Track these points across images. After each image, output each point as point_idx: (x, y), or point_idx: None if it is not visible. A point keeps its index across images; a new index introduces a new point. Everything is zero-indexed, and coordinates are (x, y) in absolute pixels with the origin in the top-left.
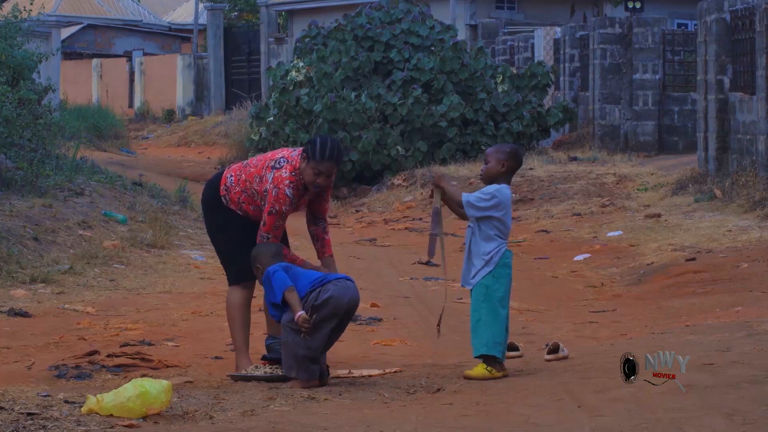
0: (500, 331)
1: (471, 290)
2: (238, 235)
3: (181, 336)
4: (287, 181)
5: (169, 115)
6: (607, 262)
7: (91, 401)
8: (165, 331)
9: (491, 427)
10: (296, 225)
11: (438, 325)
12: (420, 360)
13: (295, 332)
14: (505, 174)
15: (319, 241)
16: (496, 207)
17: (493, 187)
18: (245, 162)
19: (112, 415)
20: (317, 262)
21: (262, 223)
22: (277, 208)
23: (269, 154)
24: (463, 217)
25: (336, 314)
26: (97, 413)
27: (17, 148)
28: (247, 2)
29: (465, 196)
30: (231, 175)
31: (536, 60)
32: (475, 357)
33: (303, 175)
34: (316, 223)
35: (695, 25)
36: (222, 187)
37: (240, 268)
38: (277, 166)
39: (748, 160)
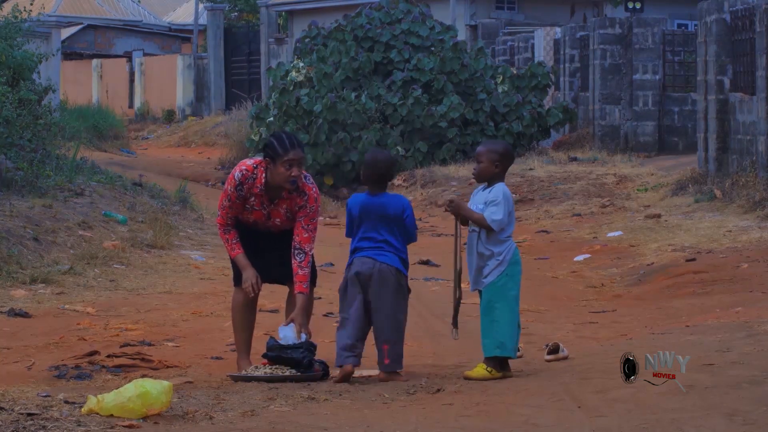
0: (513, 332)
1: (481, 290)
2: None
3: (181, 336)
4: (243, 167)
5: (169, 116)
6: (607, 263)
7: (92, 401)
8: (165, 331)
9: (491, 428)
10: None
11: (454, 323)
12: (420, 360)
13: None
14: (498, 174)
15: (293, 273)
16: (510, 213)
17: (500, 195)
18: None
19: (112, 415)
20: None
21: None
22: (225, 186)
23: None
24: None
25: (349, 288)
26: (98, 413)
27: (17, 149)
28: (247, 2)
29: (488, 216)
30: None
31: (536, 60)
32: (486, 357)
33: (275, 177)
34: (295, 256)
35: (695, 25)
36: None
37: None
38: (250, 158)
39: (748, 161)
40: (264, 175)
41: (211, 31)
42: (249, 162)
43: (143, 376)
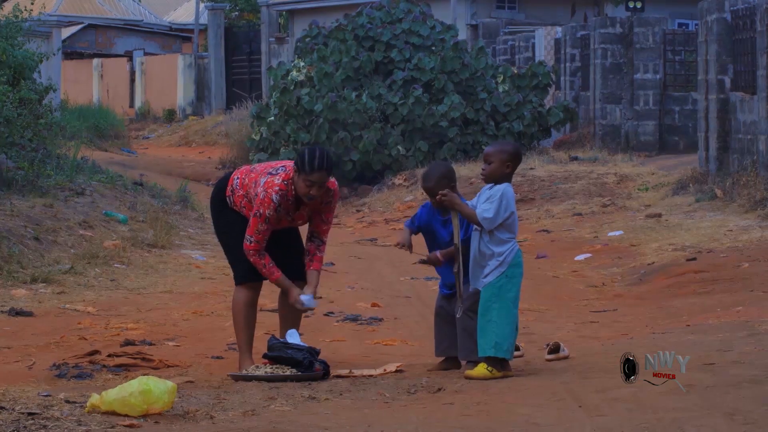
0: (509, 333)
1: (480, 290)
2: (243, 236)
3: (182, 336)
4: (276, 187)
5: (170, 115)
6: (608, 262)
7: (95, 397)
8: (166, 330)
9: (492, 427)
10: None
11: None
12: (421, 360)
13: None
14: (508, 175)
15: (310, 255)
16: (508, 212)
17: (498, 193)
18: (253, 166)
19: (114, 411)
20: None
21: (248, 225)
22: (261, 211)
23: (275, 162)
24: (478, 225)
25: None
26: (99, 408)
27: (18, 148)
28: (247, 2)
29: (480, 213)
30: (237, 177)
31: (537, 60)
32: (480, 357)
33: (296, 187)
34: (312, 240)
35: (696, 24)
36: (228, 188)
37: (246, 268)
38: (273, 172)
39: (749, 160)
40: (293, 186)
41: (211, 31)
42: (276, 180)
43: (144, 375)
